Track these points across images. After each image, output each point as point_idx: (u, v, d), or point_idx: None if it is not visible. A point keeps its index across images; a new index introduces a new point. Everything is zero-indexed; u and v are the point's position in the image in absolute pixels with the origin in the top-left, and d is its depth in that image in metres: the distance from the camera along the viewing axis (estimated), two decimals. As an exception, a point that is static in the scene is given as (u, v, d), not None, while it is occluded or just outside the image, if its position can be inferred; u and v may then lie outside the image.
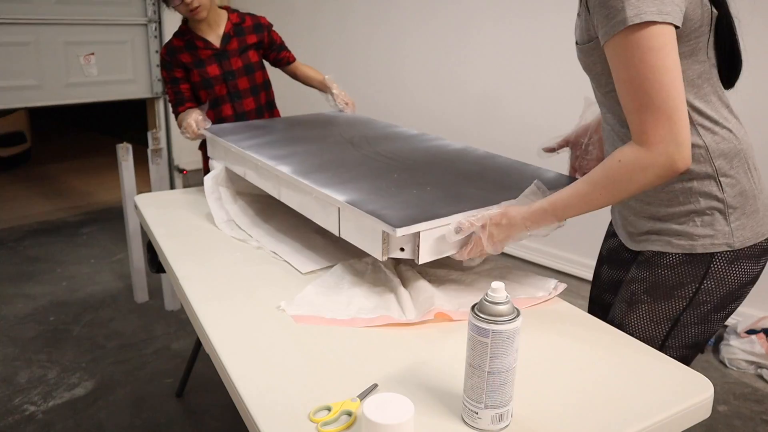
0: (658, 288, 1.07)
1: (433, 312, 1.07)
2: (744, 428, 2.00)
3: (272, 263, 1.34)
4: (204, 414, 2.08)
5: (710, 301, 1.06)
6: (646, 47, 0.87)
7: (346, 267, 1.29)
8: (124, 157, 2.68)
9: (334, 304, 1.13)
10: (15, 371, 2.30)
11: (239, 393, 0.87)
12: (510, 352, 0.75)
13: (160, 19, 4.15)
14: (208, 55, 2.03)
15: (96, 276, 3.19)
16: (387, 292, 1.18)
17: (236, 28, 2.07)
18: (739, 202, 1.02)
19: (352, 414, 0.81)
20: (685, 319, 1.07)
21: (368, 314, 1.09)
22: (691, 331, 1.08)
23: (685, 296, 1.06)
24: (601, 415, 0.82)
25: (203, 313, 1.10)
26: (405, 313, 1.10)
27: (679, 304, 1.06)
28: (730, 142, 1.01)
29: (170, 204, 1.77)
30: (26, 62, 3.65)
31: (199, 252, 1.40)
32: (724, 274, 1.04)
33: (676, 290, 1.06)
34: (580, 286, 2.97)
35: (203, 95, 2.06)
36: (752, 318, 2.39)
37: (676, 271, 1.05)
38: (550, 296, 1.16)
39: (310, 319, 1.08)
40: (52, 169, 5.39)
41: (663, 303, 1.07)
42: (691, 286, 1.05)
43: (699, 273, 1.04)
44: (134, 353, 2.44)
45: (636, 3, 0.87)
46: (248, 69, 2.09)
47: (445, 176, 1.31)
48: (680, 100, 0.89)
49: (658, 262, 1.07)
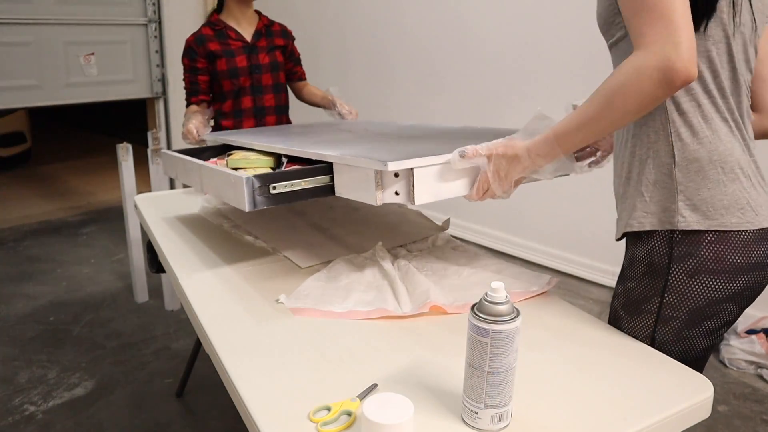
0: (630, 302, 1.04)
1: (428, 305, 1.08)
2: (744, 428, 2.00)
3: (272, 262, 1.34)
4: (204, 414, 2.08)
5: (678, 317, 0.98)
6: None
7: (344, 262, 1.31)
8: (124, 157, 2.68)
9: (332, 297, 1.15)
10: (15, 371, 2.30)
11: (239, 393, 0.87)
12: (510, 352, 0.75)
13: (160, 19, 4.15)
14: (239, 46, 2.11)
15: (96, 276, 3.19)
16: (384, 286, 1.20)
17: (266, 28, 2.18)
18: (692, 187, 0.96)
19: (352, 414, 0.81)
20: (660, 337, 1.01)
21: (365, 307, 1.11)
22: (671, 349, 1.01)
23: (651, 311, 1.00)
24: (601, 415, 0.82)
25: (203, 313, 1.10)
26: (401, 306, 1.11)
27: (649, 319, 1.01)
28: None
29: (170, 204, 1.77)
30: (26, 62, 3.65)
31: (199, 252, 1.40)
32: (686, 287, 0.96)
33: (642, 304, 1.02)
34: (580, 286, 2.97)
35: (226, 84, 2.10)
36: (752, 318, 2.39)
37: (641, 283, 1.01)
38: (543, 290, 1.18)
39: (308, 311, 1.10)
40: (52, 169, 5.39)
41: (637, 319, 1.03)
42: (654, 300, 1.00)
43: (658, 286, 0.98)
44: (134, 353, 2.44)
45: None
46: (274, 66, 2.16)
47: (441, 138, 1.31)
48: (680, 2, 0.83)
49: (627, 275, 1.04)
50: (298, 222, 1.60)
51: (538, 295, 1.18)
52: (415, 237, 1.48)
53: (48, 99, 3.80)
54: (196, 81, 2.10)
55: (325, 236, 1.49)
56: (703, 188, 0.94)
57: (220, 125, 2.15)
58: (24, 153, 5.40)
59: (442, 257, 1.35)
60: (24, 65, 3.65)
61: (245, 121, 2.14)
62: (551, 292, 1.20)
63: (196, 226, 1.59)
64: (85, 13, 3.82)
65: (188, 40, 2.10)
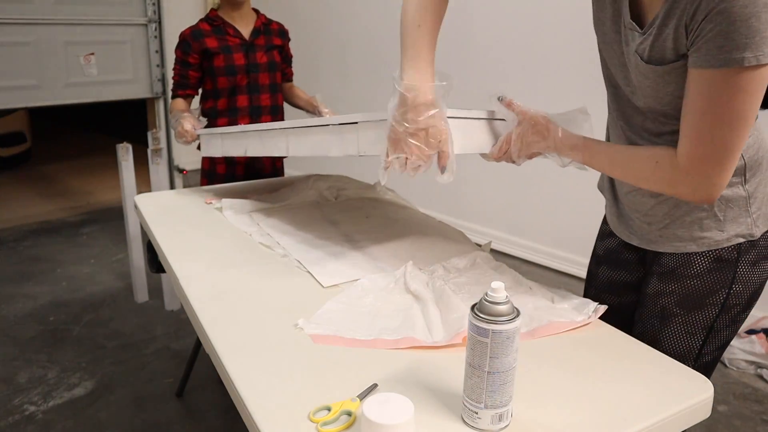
0: (689, 299, 1.06)
1: (461, 336, 0.97)
2: (744, 428, 2.00)
3: (273, 263, 1.34)
4: (204, 414, 2.08)
5: (739, 303, 1.06)
6: (739, 87, 0.82)
7: (369, 281, 1.21)
8: (124, 157, 2.68)
9: (356, 323, 1.06)
10: (15, 371, 2.30)
11: (239, 393, 0.87)
12: (510, 352, 0.75)
13: (160, 19, 4.15)
14: (237, 43, 2.10)
15: (96, 276, 3.19)
16: (414, 309, 1.10)
17: (265, 27, 2.17)
18: (759, 191, 1.02)
19: (352, 414, 0.81)
20: (718, 325, 1.06)
21: (391, 335, 1.01)
22: (723, 333, 1.08)
23: (716, 303, 1.05)
24: (601, 415, 0.82)
25: (203, 313, 1.10)
26: (432, 334, 1.02)
27: (711, 311, 1.06)
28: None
29: (170, 204, 1.77)
30: (26, 62, 3.66)
31: (199, 252, 1.40)
32: (750, 275, 1.04)
33: (707, 298, 1.05)
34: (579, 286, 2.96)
35: (222, 82, 2.09)
36: (752, 318, 2.39)
37: (705, 280, 1.05)
38: (589, 320, 1.07)
39: (330, 339, 1.01)
40: (52, 169, 5.39)
41: (696, 313, 1.06)
42: (722, 292, 1.04)
43: (728, 278, 1.04)
44: (134, 353, 2.44)
45: (760, 43, 0.79)
46: (271, 66, 2.15)
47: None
48: (739, 148, 0.87)
49: (685, 273, 1.06)
50: (329, 230, 1.51)
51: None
52: (454, 255, 1.35)
53: (48, 99, 3.80)
54: (186, 75, 2.09)
55: (354, 249, 1.38)
56: (763, 188, 1.03)
57: (215, 123, 2.14)
58: (24, 153, 5.40)
59: (482, 280, 1.23)
60: (24, 65, 3.65)
61: (240, 119, 2.13)
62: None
63: (197, 226, 1.59)
64: (85, 13, 3.82)
65: (184, 33, 2.09)
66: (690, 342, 1.07)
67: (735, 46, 0.80)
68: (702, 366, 1.09)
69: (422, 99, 0.97)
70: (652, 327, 1.11)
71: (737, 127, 0.85)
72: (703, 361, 1.09)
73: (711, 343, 1.08)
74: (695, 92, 0.87)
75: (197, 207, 1.73)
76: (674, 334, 1.08)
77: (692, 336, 1.07)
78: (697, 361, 1.08)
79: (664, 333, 1.09)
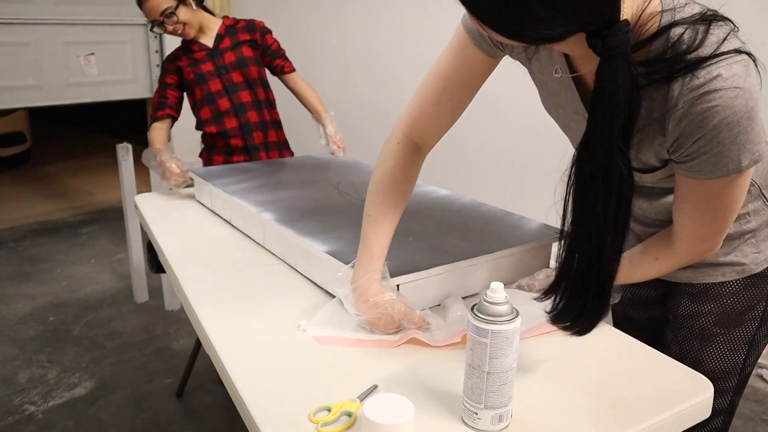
0: (728, 317, 1.06)
1: (460, 334, 0.98)
2: (744, 428, 2.00)
3: (272, 263, 1.34)
4: (204, 414, 2.08)
5: None
6: (736, 184, 0.84)
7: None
8: (124, 157, 2.69)
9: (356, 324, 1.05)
10: (15, 371, 2.30)
11: (239, 393, 0.87)
12: (509, 353, 0.75)
13: (160, 19, 4.15)
14: (203, 55, 2.11)
15: (96, 276, 3.19)
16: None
17: (229, 29, 2.16)
18: None
19: (352, 414, 0.81)
20: (759, 336, 1.07)
21: (393, 335, 1.01)
22: (762, 343, 1.09)
23: (755, 317, 1.06)
24: (601, 415, 0.82)
25: (203, 313, 1.10)
26: (432, 333, 1.02)
27: (751, 326, 1.06)
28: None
29: (170, 204, 1.77)
30: (26, 62, 3.66)
31: (199, 252, 1.40)
32: None
33: (746, 314, 1.05)
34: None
35: (197, 92, 2.11)
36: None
37: (741, 297, 1.05)
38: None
39: (334, 340, 1.00)
40: (52, 169, 5.39)
41: (737, 330, 1.06)
42: (760, 305, 1.05)
43: (763, 292, 1.04)
44: (134, 353, 2.44)
45: (751, 148, 0.79)
46: (241, 63, 2.14)
47: (427, 226, 1.28)
48: (734, 218, 0.90)
49: (719, 292, 1.06)
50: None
51: None
52: None
53: (48, 99, 3.80)
54: (164, 95, 2.11)
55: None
56: None
57: (206, 134, 2.15)
58: (24, 153, 5.40)
59: None
60: (24, 65, 3.65)
61: (227, 121, 2.12)
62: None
63: (197, 226, 1.59)
64: (85, 13, 3.82)
65: (163, 61, 2.16)
66: (734, 358, 1.07)
67: (730, 160, 0.80)
68: (745, 377, 1.10)
69: (370, 293, 0.99)
70: (692, 348, 1.10)
71: (736, 209, 0.88)
72: (746, 372, 1.10)
73: (752, 354, 1.09)
74: (691, 194, 0.88)
75: (197, 207, 1.73)
76: (717, 353, 1.08)
77: (735, 352, 1.07)
78: (741, 374, 1.09)
79: (705, 353, 1.08)
